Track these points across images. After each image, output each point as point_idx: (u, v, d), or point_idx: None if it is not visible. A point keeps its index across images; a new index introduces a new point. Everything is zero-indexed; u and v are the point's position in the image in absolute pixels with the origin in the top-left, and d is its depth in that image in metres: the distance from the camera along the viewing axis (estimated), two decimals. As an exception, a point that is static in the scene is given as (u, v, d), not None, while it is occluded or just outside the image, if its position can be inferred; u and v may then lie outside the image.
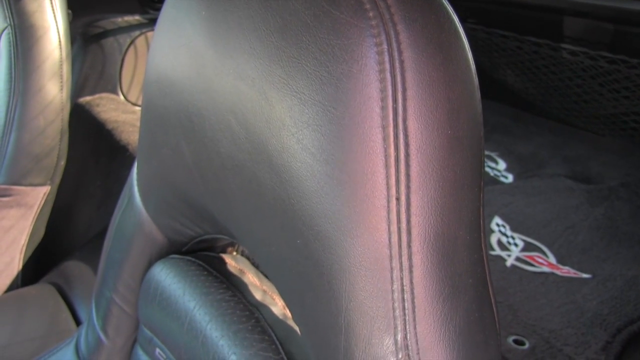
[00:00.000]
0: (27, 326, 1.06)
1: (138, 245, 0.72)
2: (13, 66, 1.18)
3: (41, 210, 1.25)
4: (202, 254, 0.70)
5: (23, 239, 1.24)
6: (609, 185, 1.69)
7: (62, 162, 1.26)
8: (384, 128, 0.37)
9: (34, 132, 1.18)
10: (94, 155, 1.48)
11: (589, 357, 1.06)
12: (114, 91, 1.75)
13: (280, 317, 0.60)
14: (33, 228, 1.25)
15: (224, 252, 0.74)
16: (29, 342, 1.02)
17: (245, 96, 0.43)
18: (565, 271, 1.35)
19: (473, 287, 0.41)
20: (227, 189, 0.48)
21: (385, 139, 0.37)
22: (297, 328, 0.59)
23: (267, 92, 0.41)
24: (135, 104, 1.77)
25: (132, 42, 1.76)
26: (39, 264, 1.29)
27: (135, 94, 1.81)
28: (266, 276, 0.68)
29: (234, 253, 0.76)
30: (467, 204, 0.40)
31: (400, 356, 0.39)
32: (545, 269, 1.36)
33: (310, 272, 0.41)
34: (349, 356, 0.40)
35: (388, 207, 0.38)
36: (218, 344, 0.58)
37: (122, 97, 1.77)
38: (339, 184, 0.38)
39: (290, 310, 0.47)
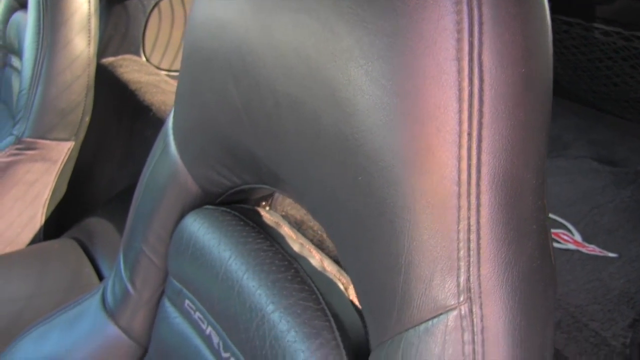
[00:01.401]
0: (50, 279, 1.06)
1: (171, 196, 0.71)
2: (41, 19, 1.16)
3: (64, 166, 1.25)
4: (236, 206, 0.69)
5: (46, 194, 1.23)
6: (636, 169, 1.67)
7: (87, 119, 1.25)
8: (459, 61, 0.36)
9: (60, 86, 1.17)
10: (116, 116, 1.47)
11: (616, 333, 1.05)
12: (136, 53, 1.74)
13: (319, 269, 0.59)
14: (56, 184, 1.24)
15: (258, 205, 0.73)
16: (52, 293, 1.02)
17: (308, 30, 0.42)
18: (591, 249, 1.34)
19: (536, 234, 0.40)
20: (280, 129, 0.47)
21: (459, 72, 0.36)
22: (337, 280, 0.59)
23: (333, 24, 0.40)
24: (157, 67, 1.76)
25: (156, 4, 1.75)
26: (61, 220, 1.29)
27: (157, 57, 1.80)
28: (302, 233, 0.67)
29: (267, 208, 0.74)
30: (535, 147, 0.39)
31: (462, 299, 0.38)
32: (571, 246, 1.35)
33: (370, 211, 0.40)
34: (407, 299, 0.39)
35: (459, 142, 0.36)
36: (255, 294, 0.57)
37: (144, 59, 1.76)
38: (409, 117, 0.37)
39: (341, 254, 0.46)
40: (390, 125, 0.37)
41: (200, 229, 0.66)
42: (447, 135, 0.36)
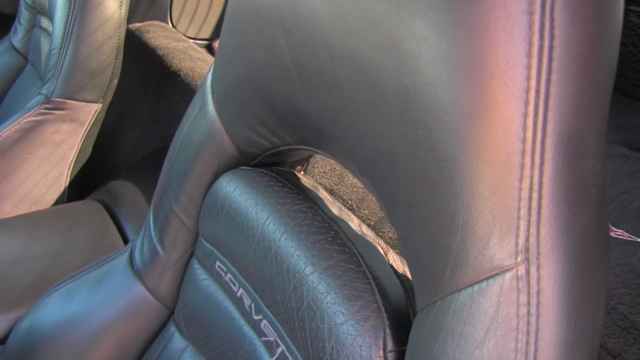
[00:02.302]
0: (76, 238, 1.06)
1: (206, 156, 0.71)
2: (73, -21, 1.16)
3: (91, 128, 1.25)
4: (273, 168, 0.68)
5: (72, 156, 1.23)
6: (667, 156, 1.65)
7: (115, 81, 1.24)
8: (530, 15, 0.34)
9: (91, 46, 1.16)
10: (142, 81, 1.46)
11: (645, 317, 1.04)
12: (164, 20, 1.73)
13: (359, 232, 0.58)
14: (82, 145, 1.24)
15: (293, 169, 0.72)
16: (77, 252, 1.02)
17: None
18: (619, 234, 1.33)
19: (595, 198, 0.39)
20: (333, 83, 0.46)
21: (530, 26, 0.35)
22: (376, 245, 0.58)
23: (397, -26, 0.39)
24: (184, 35, 1.75)
25: (184, -29, 1.74)
26: (85, 183, 1.29)
27: (184, 25, 1.79)
28: (330, 193, 0.66)
29: (302, 173, 0.74)
30: (598, 109, 0.38)
31: (519, 259, 0.37)
32: (599, 230, 1.33)
33: (429, 167, 0.39)
34: (462, 257, 0.38)
35: (526, 98, 0.35)
36: (293, 255, 0.56)
37: (171, 26, 1.75)
38: (476, 71, 0.36)
39: (391, 213, 0.45)
40: (456, 78, 0.36)
41: (236, 190, 0.65)
42: (514, 91, 0.35)
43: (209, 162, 0.70)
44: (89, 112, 1.22)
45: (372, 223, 0.95)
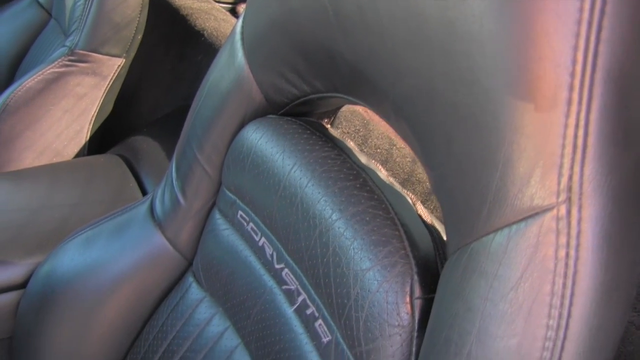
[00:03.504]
0: (95, 190, 1.06)
1: (232, 104, 0.70)
2: None
3: (113, 83, 1.24)
4: (300, 118, 0.67)
5: (93, 110, 1.23)
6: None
7: (139, 37, 1.24)
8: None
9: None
10: (165, 39, 1.45)
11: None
12: (188, -20, 1.71)
13: (387, 182, 0.57)
14: (104, 100, 1.24)
15: (321, 120, 0.72)
16: (97, 204, 1.02)
17: None
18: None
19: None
20: (373, 20, 0.45)
21: (585, -46, 0.33)
22: (404, 194, 0.57)
23: None
24: (208, -4, 1.73)
25: None
26: (105, 138, 1.29)
27: (209, -13, 1.77)
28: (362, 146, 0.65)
29: (328, 126, 0.73)
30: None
31: (561, 199, 0.36)
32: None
33: (471, 101, 0.38)
34: (501, 196, 0.37)
35: (577, 31, 0.34)
36: (319, 201, 0.55)
37: (195, -13, 1.73)
38: (525, 1, 0.34)
39: (427, 151, 0.44)
40: (504, 9, 0.35)
41: (262, 138, 0.64)
42: (565, 22, 0.34)
43: (235, 111, 0.70)
44: (112, 66, 1.21)
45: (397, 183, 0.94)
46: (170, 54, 1.42)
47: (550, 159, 0.35)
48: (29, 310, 0.86)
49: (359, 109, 1.06)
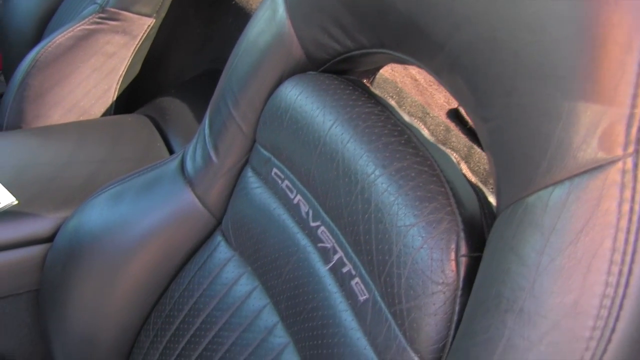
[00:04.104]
0: (123, 147, 1.06)
1: (271, 60, 0.68)
2: None
3: (142, 43, 1.23)
4: (341, 76, 0.65)
5: (122, 69, 1.22)
6: None
7: (170, -4, 1.22)
8: None
9: (149, -45, 1.14)
10: (195, 3, 1.43)
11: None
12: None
13: (432, 140, 0.56)
14: (132, 60, 1.23)
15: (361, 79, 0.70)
16: (124, 161, 1.01)
17: None
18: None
19: None
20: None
21: None
22: (449, 153, 0.56)
23: None
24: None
25: None
26: (132, 98, 1.28)
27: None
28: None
29: (369, 85, 0.71)
30: None
31: (628, 151, 0.34)
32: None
33: (536, 49, 0.36)
34: (564, 147, 0.36)
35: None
36: (362, 157, 0.54)
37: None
38: None
39: (484, 102, 0.43)
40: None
41: (302, 94, 0.63)
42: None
43: (274, 67, 0.68)
44: (142, 26, 1.20)
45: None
46: (200, 17, 1.40)
47: (620, 109, 0.34)
48: (56, 264, 0.86)
49: (392, 76, 1.05)
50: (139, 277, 0.81)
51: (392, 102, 0.62)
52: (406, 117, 0.58)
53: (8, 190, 0.91)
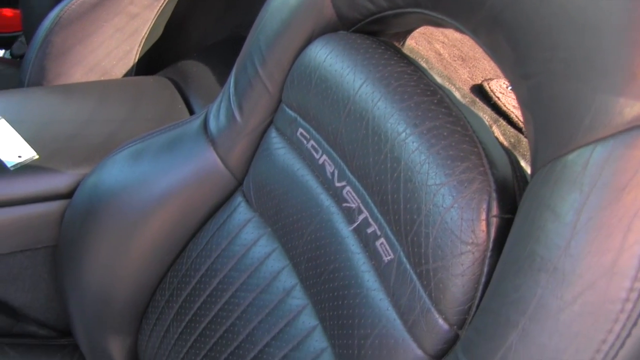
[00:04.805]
0: (144, 108, 1.05)
1: (301, 18, 0.67)
2: None
3: (166, 6, 1.22)
4: (372, 36, 0.64)
5: (144, 31, 1.21)
6: None
7: (195, -41, 1.21)
8: None
9: None
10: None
11: None
12: None
13: (465, 102, 0.55)
14: (155, 22, 1.22)
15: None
16: (145, 121, 1.01)
17: None
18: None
19: None
20: None
21: None
22: (481, 115, 0.55)
23: None
24: None
25: None
26: (153, 62, 1.27)
27: None
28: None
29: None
30: None
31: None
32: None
33: (583, 3, 0.35)
34: (610, 103, 0.35)
35: None
36: (393, 115, 0.53)
37: None
38: None
39: (521, 60, 0.42)
40: None
41: (332, 53, 0.62)
42: None
43: (303, 26, 0.67)
44: (166, -12, 1.19)
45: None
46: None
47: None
48: (74, 220, 0.86)
49: (419, 47, 1.03)
50: (156, 236, 0.80)
51: (424, 65, 0.61)
52: (439, 79, 0.57)
53: (29, 144, 0.91)
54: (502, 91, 1.14)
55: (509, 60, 0.44)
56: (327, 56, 0.62)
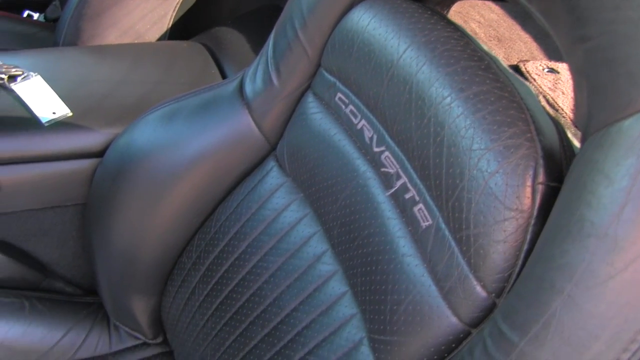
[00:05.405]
0: (178, 71, 1.05)
1: (344, -18, 0.66)
2: None
3: (199, -28, 1.21)
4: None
5: (178, -3, 1.20)
6: None
7: None
8: None
9: None
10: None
11: None
12: None
13: (510, 70, 0.54)
14: (189, -11, 1.21)
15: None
16: (178, 85, 1.01)
17: None
18: None
19: None
20: None
21: None
22: (528, 84, 0.53)
23: None
24: None
25: None
26: (187, 29, 1.26)
27: None
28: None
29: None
30: None
31: None
32: None
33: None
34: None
35: None
36: (438, 80, 0.52)
37: None
38: None
39: (580, 23, 0.40)
40: None
41: (376, 17, 0.61)
42: None
43: (345, -10, 0.66)
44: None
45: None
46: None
47: None
48: (105, 179, 0.86)
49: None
50: (186, 197, 0.80)
51: (470, 33, 0.60)
52: (485, 47, 0.56)
53: (63, 102, 0.91)
54: (538, 73, 1.12)
55: (565, 23, 0.43)
56: (370, 20, 0.61)
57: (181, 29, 1.26)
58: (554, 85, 1.09)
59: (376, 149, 0.60)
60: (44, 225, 0.92)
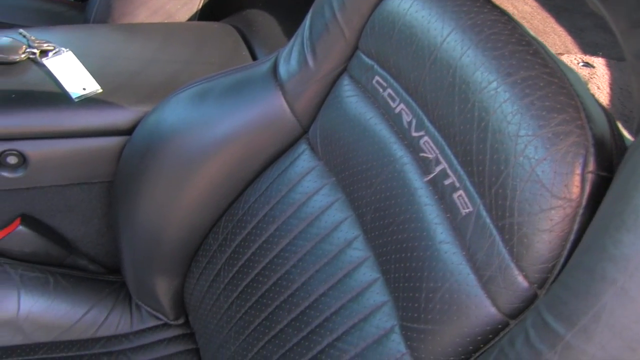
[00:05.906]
0: (208, 52, 1.04)
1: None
2: None
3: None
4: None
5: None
6: None
7: None
8: None
9: None
10: None
11: None
12: None
13: (558, 57, 0.52)
14: (221, -31, 1.20)
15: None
16: (209, 65, 1.00)
17: None
18: None
19: None
20: None
21: None
22: (577, 71, 0.52)
23: None
24: None
25: None
26: (217, 10, 1.25)
27: None
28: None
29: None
30: None
31: None
32: None
33: None
34: None
35: None
36: (484, 64, 0.51)
37: None
38: None
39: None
40: None
41: (417, 0, 0.60)
42: None
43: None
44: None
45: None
46: None
47: None
48: (133, 156, 0.85)
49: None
50: (214, 177, 0.79)
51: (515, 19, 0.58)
52: (532, 33, 0.54)
53: (93, 78, 0.90)
54: (573, 66, 1.11)
55: (625, 7, 0.41)
56: (412, 3, 0.60)
57: (211, 10, 1.25)
58: (589, 79, 1.07)
59: (415, 134, 0.59)
60: (70, 202, 0.92)
